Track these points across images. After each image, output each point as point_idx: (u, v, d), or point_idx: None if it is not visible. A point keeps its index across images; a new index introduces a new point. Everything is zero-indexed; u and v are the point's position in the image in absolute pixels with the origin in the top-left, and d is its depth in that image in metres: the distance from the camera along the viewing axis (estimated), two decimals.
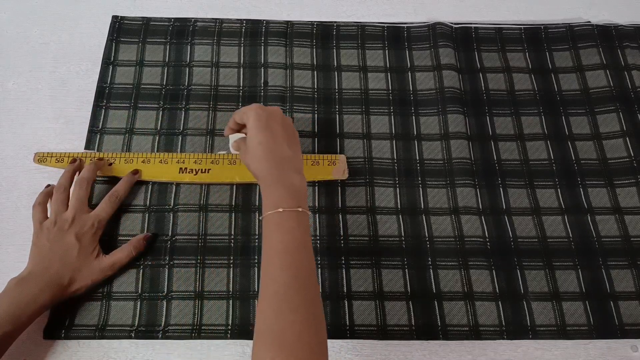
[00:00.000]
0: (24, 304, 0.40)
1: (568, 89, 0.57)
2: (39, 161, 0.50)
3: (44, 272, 0.42)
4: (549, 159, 0.53)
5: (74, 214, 0.45)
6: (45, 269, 0.42)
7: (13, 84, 0.57)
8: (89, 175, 0.47)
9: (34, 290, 0.41)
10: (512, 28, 0.61)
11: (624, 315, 0.46)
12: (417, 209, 0.51)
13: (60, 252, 0.43)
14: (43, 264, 0.42)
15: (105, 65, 0.57)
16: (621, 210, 0.51)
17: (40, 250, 0.43)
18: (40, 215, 0.46)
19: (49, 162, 0.50)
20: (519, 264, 0.48)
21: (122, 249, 0.46)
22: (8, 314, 0.39)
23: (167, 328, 0.45)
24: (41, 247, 0.43)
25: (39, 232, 0.44)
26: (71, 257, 0.43)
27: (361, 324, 0.45)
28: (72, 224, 0.44)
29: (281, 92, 0.56)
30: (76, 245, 0.43)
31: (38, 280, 0.41)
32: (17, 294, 0.40)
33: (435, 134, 0.55)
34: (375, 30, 0.61)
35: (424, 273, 0.48)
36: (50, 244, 0.43)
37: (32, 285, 0.41)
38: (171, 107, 0.55)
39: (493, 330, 0.45)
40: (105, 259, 0.45)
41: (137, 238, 0.47)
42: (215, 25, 0.60)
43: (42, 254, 0.43)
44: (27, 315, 0.40)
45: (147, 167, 0.50)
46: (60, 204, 0.45)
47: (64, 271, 0.42)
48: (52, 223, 0.44)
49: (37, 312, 0.41)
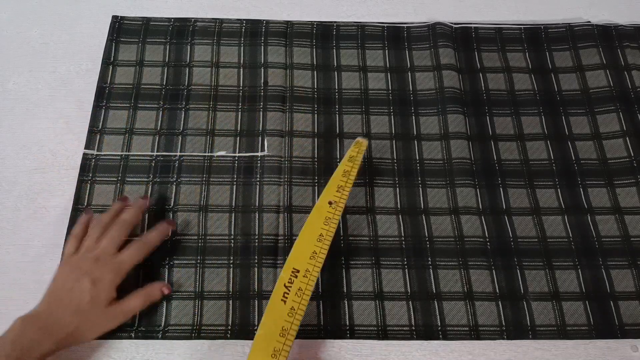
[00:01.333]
0: (27, 348, 0.37)
1: (568, 89, 0.57)
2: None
3: (50, 315, 0.39)
4: (549, 159, 0.53)
5: (98, 255, 0.42)
6: (51, 312, 0.39)
7: (13, 84, 0.57)
8: (131, 219, 0.45)
9: (37, 335, 0.38)
10: (512, 28, 0.61)
11: (624, 315, 0.46)
12: (417, 209, 0.51)
13: (72, 295, 0.40)
14: (51, 306, 0.40)
15: (105, 65, 0.57)
16: (621, 210, 0.51)
17: (54, 288, 0.41)
18: (72, 247, 0.43)
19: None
20: (519, 264, 0.48)
21: (137, 296, 0.42)
22: (10, 357, 0.36)
23: (167, 328, 0.45)
24: (57, 284, 0.41)
25: (63, 265, 0.42)
26: (82, 303, 0.39)
27: (361, 324, 0.45)
28: (93, 266, 0.41)
29: (281, 92, 0.56)
30: (90, 290, 0.40)
31: (42, 324, 0.38)
32: (19, 336, 0.37)
33: (435, 134, 0.55)
34: (375, 30, 0.61)
35: (424, 273, 0.48)
36: (67, 283, 0.40)
37: (36, 328, 0.38)
38: (171, 107, 0.55)
39: (493, 330, 0.45)
40: (118, 307, 0.41)
41: (153, 287, 0.44)
42: (215, 25, 0.60)
43: (54, 293, 0.40)
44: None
45: None
46: (91, 240, 0.43)
47: (71, 318, 0.39)
48: (77, 259, 0.42)
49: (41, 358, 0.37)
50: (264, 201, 0.50)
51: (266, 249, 0.48)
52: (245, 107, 0.55)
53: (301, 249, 0.42)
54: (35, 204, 0.50)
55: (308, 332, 0.45)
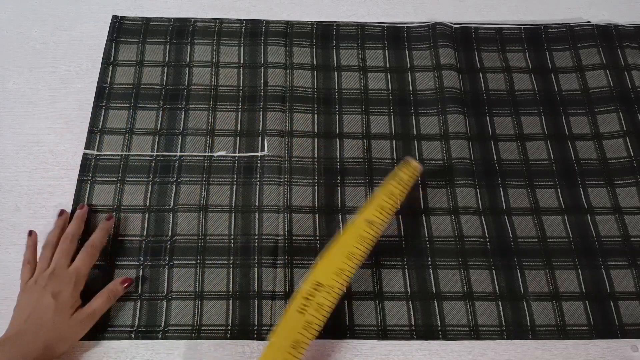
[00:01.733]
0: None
1: (568, 89, 0.57)
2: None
3: (19, 337, 0.39)
4: (549, 159, 0.53)
5: (53, 269, 0.43)
6: (20, 335, 0.39)
7: (13, 84, 0.57)
8: (74, 231, 0.46)
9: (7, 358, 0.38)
10: (512, 28, 0.61)
11: (624, 315, 0.46)
12: (417, 209, 0.51)
13: (37, 314, 0.40)
14: (19, 329, 0.40)
15: (105, 65, 0.57)
16: (621, 210, 0.51)
17: (19, 313, 0.41)
18: (26, 274, 0.44)
19: None
20: (519, 264, 0.48)
21: (100, 295, 0.43)
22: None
23: (167, 328, 0.45)
24: (20, 309, 0.41)
25: (22, 291, 0.43)
26: (47, 318, 0.40)
27: (361, 324, 0.45)
28: (50, 281, 0.42)
29: (281, 92, 0.56)
30: (52, 304, 0.40)
31: (13, 348, 0.38)
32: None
33: (435, 134, 0.55)
34: (375, 30, 0.61)
35: (424, 273, 0.48)
36: (30, 304, 0.41)
37: (6, 353, 0.38)
38: (171, 107, 0.55)
39: (493, 330, 0.45)
40: (83, 311, 0.42)
41: (114, 283, 0.45)
42: (215, 25, 0.60)
43: (19, 317, 0.41)
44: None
45: None
46: (44, 261, 0.44)
47: (39, 335, 0.39)
48: (33, 282, 0.42)
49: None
50: (264, 201, 0.50)
51: (266, 249, 0.48)
52: (245, 107, 0.55)
53: (328, 263, 0.41)
54: (35, 204, 0.50)
55: None
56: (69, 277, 0.43)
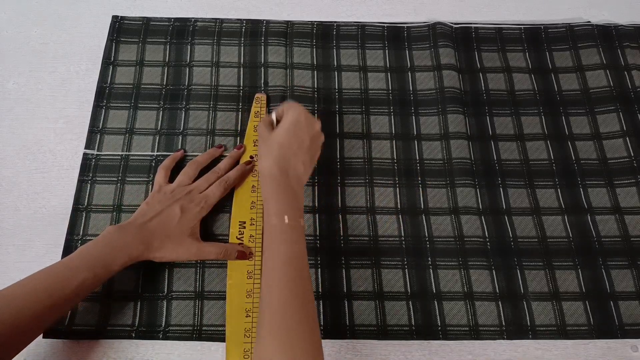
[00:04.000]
0: (118, 249, 0.41)
1: (568, 89, 0.57)
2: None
3: (142, 225, 0.43)
4: (549, 159, 0.53)
5: (191, 189, 0.47)
6: (144, 223, 0.43)
7: (13, 84, 0.57)
8: (226, 167, 0.50)
9: (127, 238, 0.42)
10: (512, 28, 0.61)
11: (624, 315, 0.46)
12: (417, 209, 0.51)
13: (163, 216, 0.44)
14: (143, 219, 0.44)
15: (105, 65, 0.57)
16: (621, 210, 0.51)
17: (148, 208, 0.45)
18: (161, 179, 0.48)
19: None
20: (519, 264, 0.48)
21: (216, 246, 0.46)
22: (102, 256, 0.40)
23: (168, 328, 0.45)
24: (150, 206, 0.45)
25: (155, 193, 0.47)
26: (169, 224, 0.44)
27: (361, 324, 0.45)
28: (184, 197, 0.46)
29: (281, 91, 0.56)
30: (178, 215, 0.44)
31: (134, 231, 0.43)
32: (113, 239, 0.42)
33: (435, 134, 0.55)
34: (375, 30, 0.61)
35: (424, 273, 0.48)
36: (160, 206, 0.45)
37: (127, 233, 0.42)
38: (171, 107, 0.55)
39: (493, 330, 0.45)
40: (196, 244, 0.45)
41: (233, 246, 0.46)
42: (215, 25, 0.60)
43: (147, 211, 0.45)
44: (118, 262, 0.41)
45: None
46: (186, 177, 0.48)
47: (158, 233, 0.43)
48: (170, 190, 0.47)
49: (127, 262, 0.41)
50: None
51: None
52: (246, 107, 0.55)
53: (240, 203, 0.49)
54: (35, 204, 0.50)
55: None
56: (199, 200, 0.46)
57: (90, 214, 0.49)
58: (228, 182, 0.48)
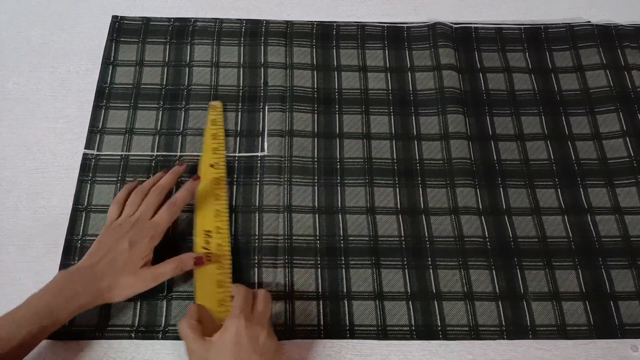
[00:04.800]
0: (65, 299, 0.39)
1: (568, 89, 0.57)
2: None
3: (90, 268, 0.41)
4: (549, 159, 0.53)
5: (137, 218, 0.44)
6: (92, 266, 0.42)
7: (13, 84, 0.57)
8: (166, 184, 0.48)
9: (76, 286, 0.40)
10: (512, 28, 0.61)
11: (624, 315, 0.46)
12: (417, 209, 0.51)
13: (112, 254, 0.42)
14: (92, 260, 0.42)
15: (105, 65, 0.57)
16: (621, 210, 0.51)
17: (98, 247, 0.43)
18: (112, 213, 0.46)
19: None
20: (519, 264, 0.48)
21: (170, 262, 0.44)
22: (49, 307, 0.39)
23: (168, 328, 0.45)
24: (101, 244, 0.43)
25: (106, 229, 0.45)
26: (118, 261, 0.42)
27: (361, 324, 0.45)
28: (131, 229, 0.44)
29: (281, 92, 0.56)
30: (127, 251, 0.42)
31: (82, 278, 0.41)
32: (60, 288, 0.40)
33: (435, 134, 0.55)
34: (375, 30, 0.61)
35: (424, 273, 0.48)
36: (109, 243, 0.43)
37: (76, 281, 0.41)
38: (171, 107, 0.55)
39: (493, 330, 0.45)
40: (150, 270, 0.43)
41: (188, 255, 0.45)
42: (215, 25, 0.60)
43: (97, 250, 0.43)
44: (66, 312, 0.39)
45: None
46: (132, 206, 0.46)
47: (107, 274, 0.41)
48: (118, 224, 0.44)
49: (75, 311, 0.40)
50: (264, 201, 0.50)
51: (266, 249, 0.48)
52: (245, 107, 0.55)
53: (204, 212, 0.48)
54: (35, 204, 0.50)
55: (308, 332, 0.45)
56: (149, 229, 0.44)
57: (90, 214, 0.49)
58: (177, 204, 0.46)
